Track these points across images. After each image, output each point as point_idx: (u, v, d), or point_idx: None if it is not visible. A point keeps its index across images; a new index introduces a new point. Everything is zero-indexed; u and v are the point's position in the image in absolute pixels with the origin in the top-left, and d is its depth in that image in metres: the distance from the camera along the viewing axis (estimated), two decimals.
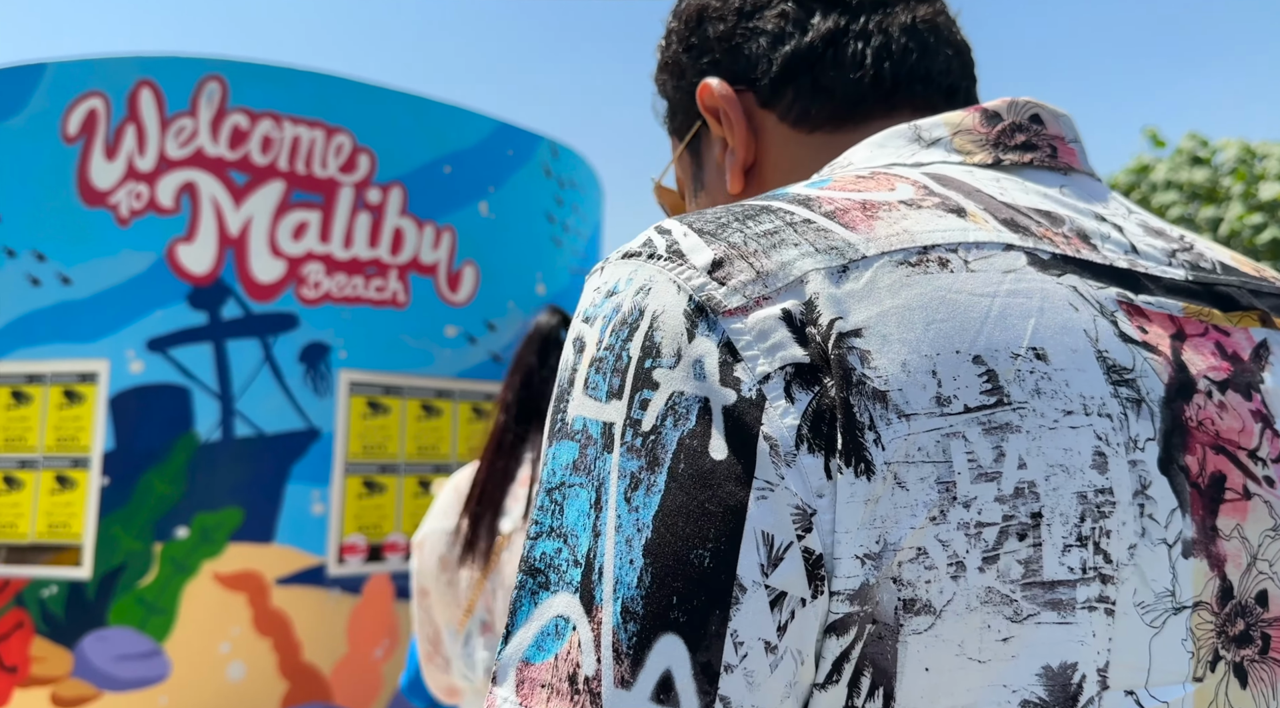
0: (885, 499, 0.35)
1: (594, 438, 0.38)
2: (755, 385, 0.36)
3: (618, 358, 0.38)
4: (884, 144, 0.50)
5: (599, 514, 0.37)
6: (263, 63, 2.81)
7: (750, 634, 0.34)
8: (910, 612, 0.35)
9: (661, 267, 0.39)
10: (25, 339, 2.71)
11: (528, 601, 0.38)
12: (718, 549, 0.34)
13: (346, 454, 2.86)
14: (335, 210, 2.85)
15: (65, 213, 2.70)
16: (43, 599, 2.66)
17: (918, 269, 0.39)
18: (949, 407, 0.36)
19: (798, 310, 0.37)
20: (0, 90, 2.80)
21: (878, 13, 0.56)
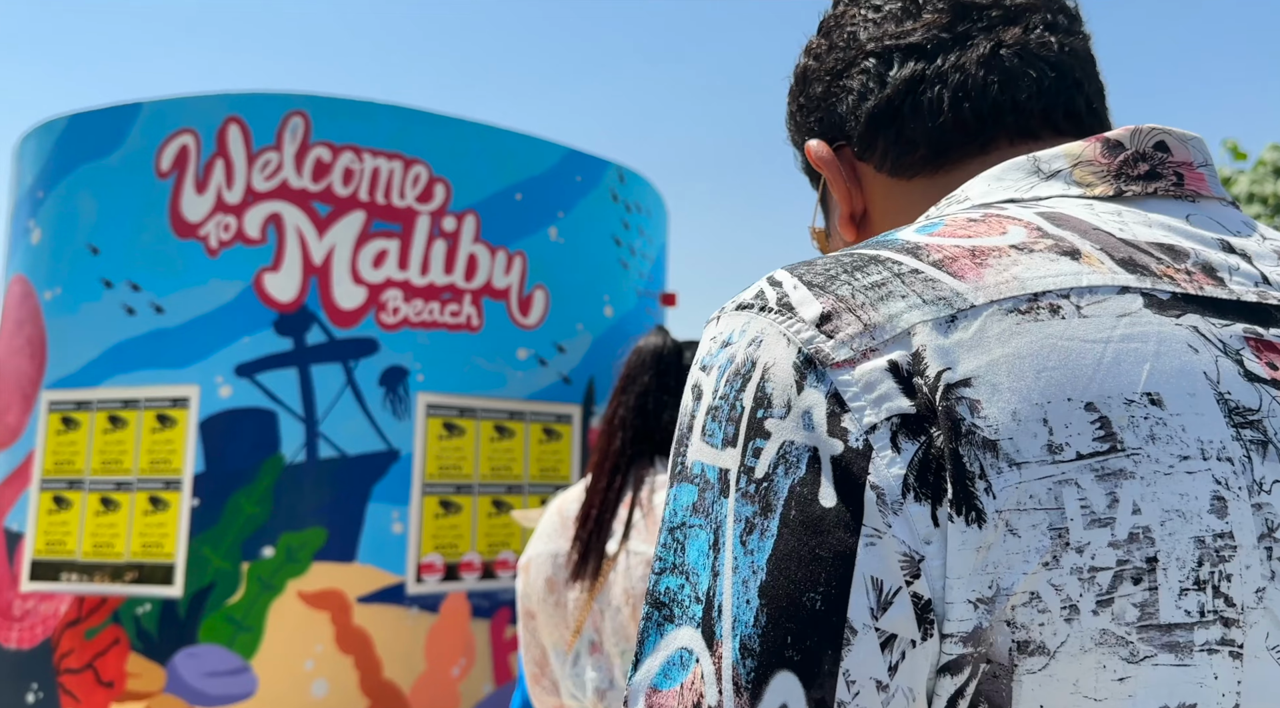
0: (997, 546, 0.36)
1: (711, 483, 0.40)
2: (862, 436, 0.37)
3: (732, 407, 0.41)
4: (1001, 177, 0.50)
5: (717, 555, 0.39)
6: (343, 97, 2.91)
7: (862, 674, 0.36)
8: (1024, 653, 0.36)
9: (772, 320, 0.41)
10: (121, 366, 2.83)
11: (654, 632, 0.40)
12: (828, 593, 0.36)
13: (424, 475, 2.93)
14: (413, 238, 2.93)
15: (158, 245, 2.82)
16: (137, 617, 2.76)
17: (1028, 317, 0.39)
18: (1061, 454, 0.37)
19: (905, 362, 0.38)
20: (99, 130, 2.94)
21: (955, 50, 0.55)
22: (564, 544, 1.31)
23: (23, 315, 3.02)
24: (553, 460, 3.23)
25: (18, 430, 3.00)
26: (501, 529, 3.09)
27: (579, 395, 3.28)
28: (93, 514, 2.85)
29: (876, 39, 0.57)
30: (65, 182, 2.97)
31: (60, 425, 2.91)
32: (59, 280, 2.93)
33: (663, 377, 1.32)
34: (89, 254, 2.88)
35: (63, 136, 3.01)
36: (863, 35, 0.58)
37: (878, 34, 0.57)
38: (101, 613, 2.79)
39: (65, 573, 2.86)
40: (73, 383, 2.88)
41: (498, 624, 3.03)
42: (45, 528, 2.91)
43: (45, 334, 2.95)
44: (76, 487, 2.89)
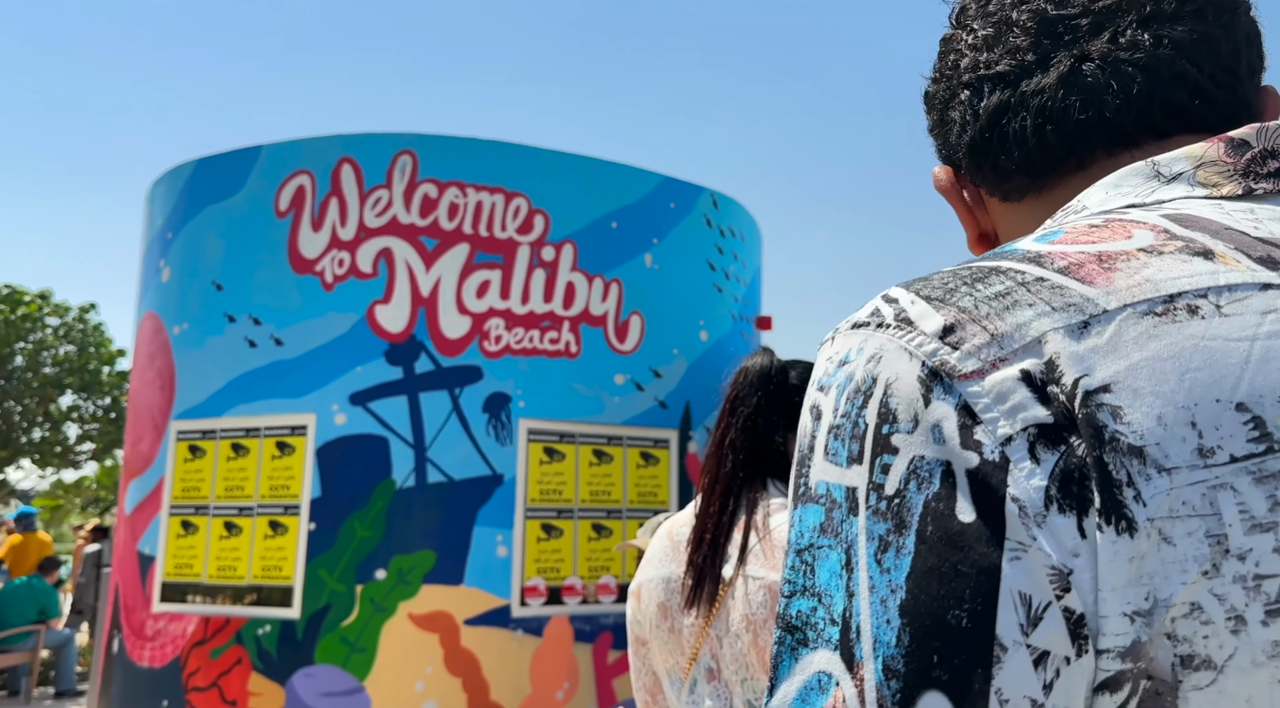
0: (1151, 556, 0.35)
1: (839, 502, 0.40)
2: (998, 448, 0.36)
3: (854, 424, 0.40)
4: (1119, 184, 0.49)
5: (850, 575, 0.38)
6: (448, 135, 3.04)
7: (1015, 692, 0.35)
8: (1189, 668, 0.35)
9: (891, 335, 0.40)
10: (243, 396, 2.98)
11: (788, 656, 0.40)
12: (974, 610, 0.35)
13: (526, 499, 2.98)
14: (514, 269, 3.02)
15: (278, 280, 2.97)
16: (258, 637, 2.87)
17: (1165, 319, 0.38)
18: (1213, 458, 0.36)
19: (1037, 371, 0.37)
20: (222, 173, 3.14)
21: (1038, 73, 0.53)
22: (676, 569, 1.29)
23: (154, 350, 3.22)
24: (651, 485, 3.25)
25: (150, 459, 3.18)
26: (602, 554, 3.11)
27: (675, 420, 3.31)
28: (217, 538, 3.00)
29: (971, 68, 0.57)
30: (192, 223, 3.17)
31: (188, 453, 3.07)
32: (186, 316, 3.12)
33: (771, 397, 1.30)
34: (214, 290, 3.06)
35: (190, 181, 3.22)
36: (962, 64, 0.58)
37: (972, 63, 0.57)
38: (225, 633, 2.92)
39: (192, 595, 3.00)
40: (199, 413, 3.05)
41: (600, 649, 3.05)
42: (174, 552, 3.06)
43: (174, 367, 3.13)
44: (202, 512, 3.04)
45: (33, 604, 7.44)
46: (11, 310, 9.58)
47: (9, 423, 9.29)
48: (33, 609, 7.43)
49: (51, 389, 9.51)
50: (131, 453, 3.32)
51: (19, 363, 9.45)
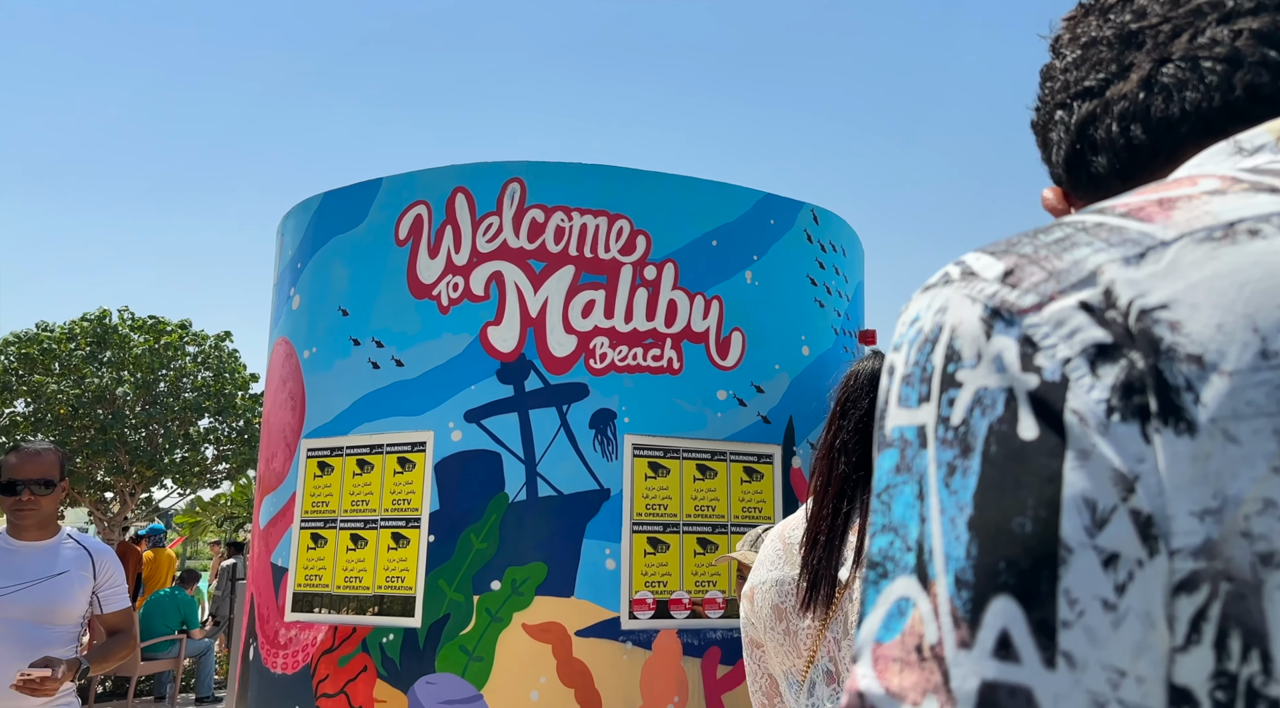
0: (1217, 454, 0.36)
1: (910, 441, 0.42)
2: (1058, 369, 0.38)
3: (923, 369, 0.42)
4: (1203, 163, 0.50)
5: (923, 503, 0.40)
6: (554, 162, 3.16)
7: (1085, 592, 0.36)
8: (1270, 565, 0.35)
9: (956, 288, 0.43)
10: (367, 415, 3.16)
11: (872, 590, 0.41)
12: (1038, 515, 0.37)
13: (633, 513, 3.04)
14: (617, 288, 3.11)
15: (398, 305, 3.15)
16: (383, 645, 3.02)
17: (1224, 242, 0.39)
18: (1277, 358, 0.36)
19: (1095, 299, 0.39)
20: (347, 205, 3.35)
21: (1120, 81, 0.56)
22: (789, 571, 1.29)
23: (286, 373, 3.45)
24: (755, 500, 3.26)
25: (282, 475, 3.39)
26: (708, 568, 3.14)
27: (779, 436, 3.31)
28: (344, 550, 3.17)
29: (1063, 90, 0.60)
30: (320, 253, 3.39)
31: (317, 470, 3.27)
32: (315, 341, 3.33)
33: None
34: (340, 316, 3.26)
35: (317, 213, 3.45)
36: (1057, 86, 0.61)
37: (1064, 84, 0.60)
38: (352, 642, 3.08)
39: (321, 605, 3.18)
40: (327, 432, 3.25)
41: (709, 663, 3.07)
42: (304, 563, 3.26)
43: (304, 389, 3.34)
44: (330, 525, 3.22)
45: (175, 615, 7.97)
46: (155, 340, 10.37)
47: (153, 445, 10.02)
48: (175, 620, 7.96)
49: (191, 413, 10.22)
50: (265, 470, 3.55)
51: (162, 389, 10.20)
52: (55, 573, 2.58)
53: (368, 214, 3.28)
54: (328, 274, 3.34)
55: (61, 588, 2.57)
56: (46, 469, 2.60)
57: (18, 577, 2.53)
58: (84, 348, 10.10)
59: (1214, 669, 0.35)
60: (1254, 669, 0.35)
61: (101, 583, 2.66)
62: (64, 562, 2.61)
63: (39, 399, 9.72)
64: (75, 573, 2.61)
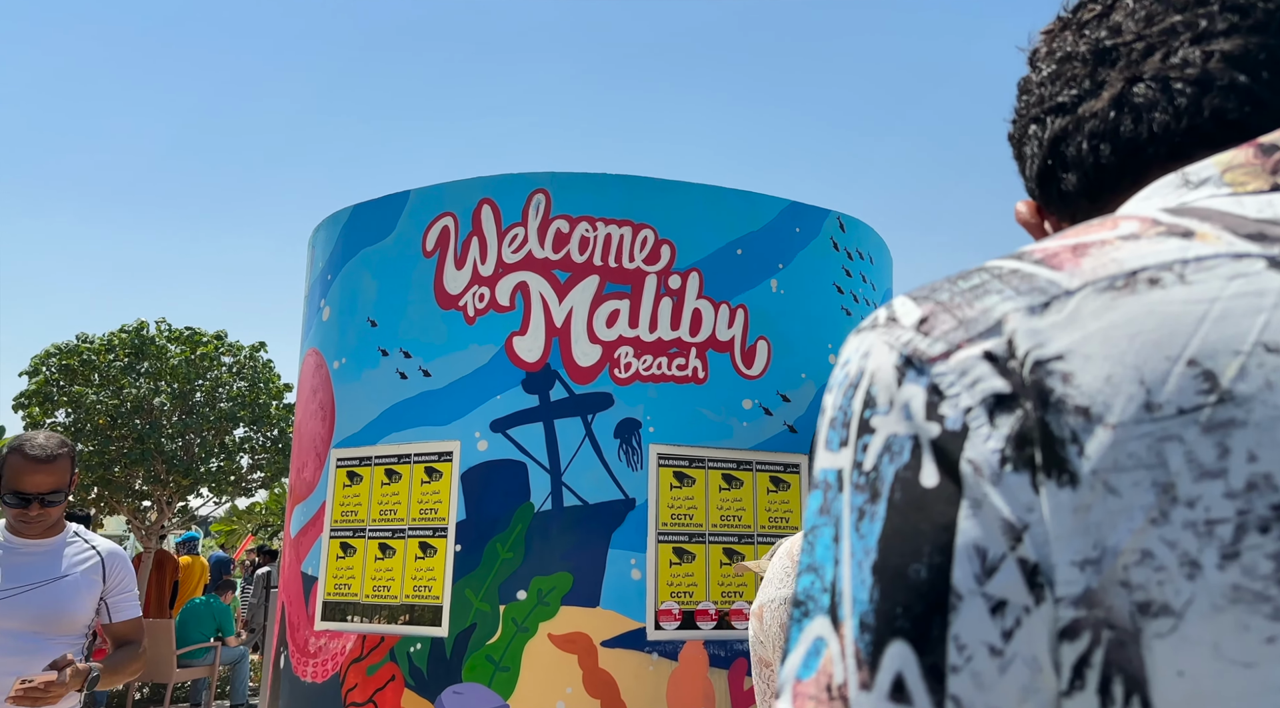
0: (1097, 506, 0.37)
1: (831, 484, 0.44)
2: (960, 418, 0.40)
3: (845, 414, 0.44)
4: (1150, 196, 0.51)
5: (838, 545, 0.42)
6: (579, 172, 3.18)
7: (972, 638, 0.37)
8: (1148, 615, 0.36)
9: (879, 333, 0.45)
10: (395, 425, 3.19)
11: (796, 628, 0.43)
12: (932, 563, 0.38)
13: (658, 523, 3.03)
14: (642, 298, 3.11)
15: (426, 316, 3.18)
16: (410, 655, 3.03)
17: (1124, 291, 0.40)
18: (1160, 412, 0.37)
19: (999, 348, 0.40)
20: (376, 217, 3.39)
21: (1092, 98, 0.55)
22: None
23: (316, 383, 3.49)
24: (782, 510, 3.24)
25: (313, 485, 3.43)
26: (734, 579, 3.12)
27: (805, 445, 3.29)
28: (372, 560, 3.20)
29: (1037, 104, 0.60)
30: (349, 265, 3.43)
31: (346, 480, 3.30)
32: (345, 352, 3.37)
33: None
34: (369, 327, 3.30)
35: (347, 225, 3.49)
36: (1032, 100, 0.61)
37: (1038, 98, 0.60)
38: (380, 651, 3.10)
39: (350, 614, 3.21)
40: (356, 442, 3.28)
41: (736, 675, 3.05)
42: (334, 572, 3.29)
43: (334, 399, 3.38)
44: (359, 535, 3.25)
45: (210, 622, 8.09)
46: (192, 351, 10.56)
47: (190, 454, 10.19)
48: (211, 627, 8.08)
49: (226, 423, 10.39)
50: (296, 480, 3.59)
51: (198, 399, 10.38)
52: (59, 576, 2.32)
53: (396, 226, 3.32)
54: (357, 286, 3.38)
55: (66, 593, 2.32)
56: (59, 478, 2.31)
57: (17, 579, 2.27)
58: (122, 359, 10.31)
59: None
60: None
61: (111, 588, 2.40)
62: (69, 564, 2.36)
63: (79, 409, 9.93)
64: (82, 577, 2.36)
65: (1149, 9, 0.55)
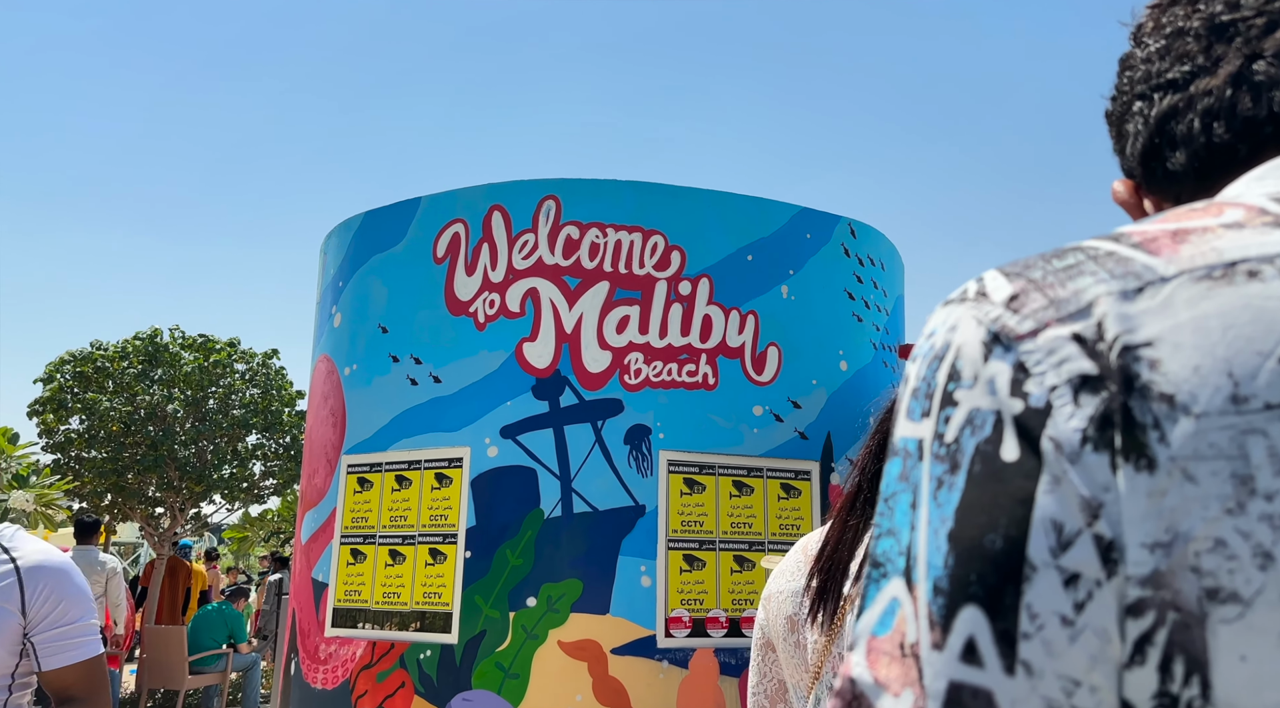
0: (1173, 492, 0.38)
1: (911, 453, 0.45)
2: (1044, 396, 0.40)
3: (929, 385, 0.45)
4: (1264, 176, 0.50)
5: (915, 512, 0.43)
6: (589, 178, 3.18)
7: (1045, 608, 0.38)
8: (1215, 600, 0.37)
9: (968, 307, 0.45)
10: (405, 431, 3.19)
11: (873, 587, 0.45)
12: (1008, 534, 0.39)
13: (668, 530, 3.02)
14: (652, 304, 3.10)
15: (436, 322, 3.18)
16: (420, 662, 3.03)
17: (1221, 282, 0.40)
18: (1246, 405, 0.38)
19: (1088, 331, 0.41)
20: (387, 224, 3.40)
21: (1206, 75, 0.54)
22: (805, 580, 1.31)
23: (327, 390, 3.50)
24: (793, 517, 3.22)
25: (323, 491, 3.44)
26: (745, 586, 3.10)
27: (817, 452, 3.27)
28: (383, 566, 3.20)
29: (1144, 80, 0.59)
30: (361, 271, 3.44)
31: (357, 486, 3.31)
32: (356, 358, 3.38)
33: None
34: (379, 333, 3.30)
35: (358, 232, 3.51)
36: (1137, 76, 0.59)
37: (1145, 74, 0.58)
38: (390, 658, 3.09)
39: (360, 620, 3.21)
40: (367, 448, 3.28)
41: (745, 683, 3.03)
42: (344, 579, 3.29)
43: (345, 405, 3.39)
44: (369, 541, 3.25)
45: (223, 629, 8.11)
46: (205, 358, 10.61)
47: (203, 461, 10.24)
48: (223, 634, 8.10)
49: (239, 429, 10.43)
50: (307, 486, 3.60)
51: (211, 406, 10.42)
52: None
53: (407, 232, 3.33)
54: (368, 292, 3.39)
55: None
56: None
57: None
58: (136, 366, 10.37)
59: (1157, 689, 0.38)
60: (1194, 693, 0.37)
61: (36, 620, 1.52)
62: None
63: (93, 416, 10.00)
64: None
65: None
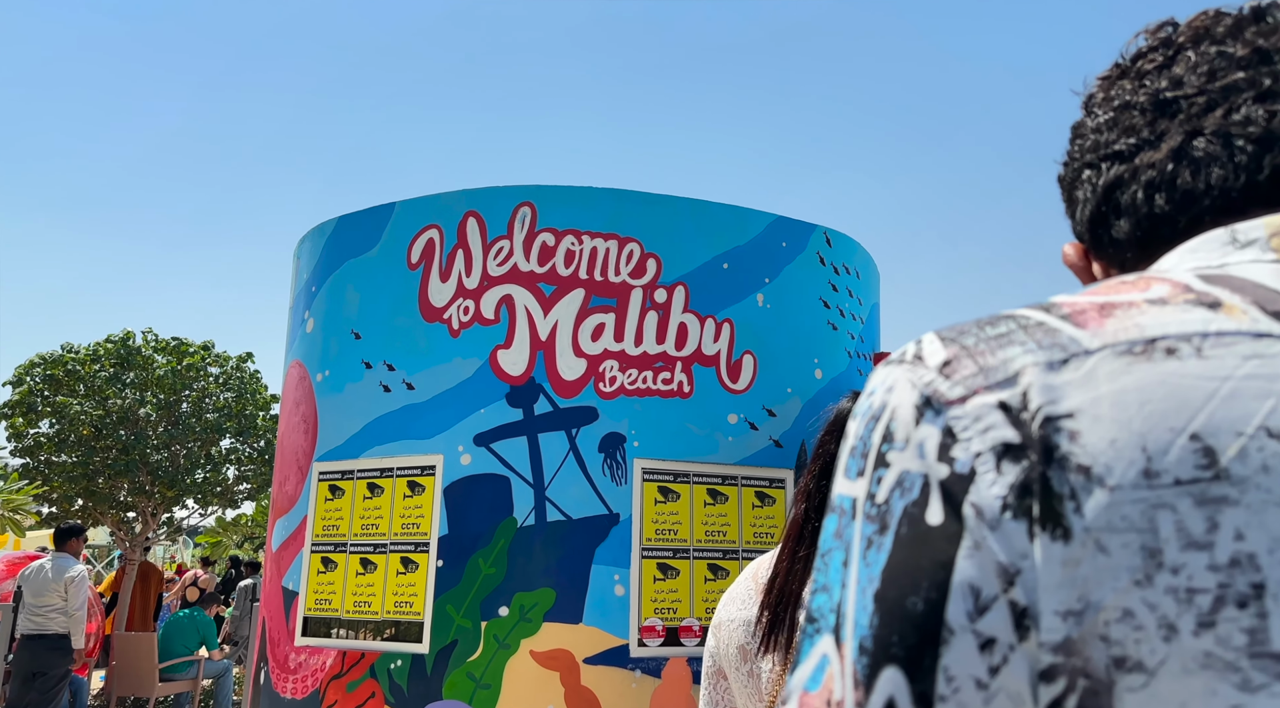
0: (1086, 562, 0.39)
1: (846, 511, 0.46)
2: (969, 462, 0.42)
3: (865, 445, 0.47)
4: (1196, 249, 0.52)
5: (846, 570, 0.44)
6: (565, 185, 3.17)
7: (961, 671, 0.40)
8: (1122, 669, 0.38)
9: (906, 369, 0.47)
10: (378, 438, 3.16)
11: (807, 642, 0.46)
12: (929, 597, 0.41)
13: (643, 538, 3.01)
14: (627, 312, 3.10)
15: (410, 328, 3.16)
16: (390, 672, 3.00)
17: (1141, 358, 0.42)
18: (1157, 480, 0.39)
19: (1013, 400, 0.42)
20: (361, 229, 3.37)
21: (1151, 148, 0.56)
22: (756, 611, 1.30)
23: (299, 396, 3.46)
24: (767, 525, 3.22)
25: (294, 498, 3.40)
26: (719, 595, 3.10)
27: (791, 460, 3.27)
28: (354, 574, 3.16)
29: (1093, 149, 0.61)
30: (334, 276, 3.41)
31: (328, 493, 3.27)
32: (328, 364, 3.34)
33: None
34: (352, 339, 3.27)
35: (332, 237, 3.47)
36: (1087, 145, 0.62)
37: (1094, 144, 0.61)
38: (361, 667, 3.06)
39: (331, 629, 3.17)
40: (338, 455, 3.25)
41: None
42: (315, 587, 3.25)
43: (317, 412, 3.35)
44: (341, 549, 3.22)
45: (194, 636, 8.01)
46: (179, 361, 10.48)
47: (175, 465, 10.11)
48: (194, 640, 8.00)
49: (213, 433, 10.30)
50: (278, 493, 3.56)
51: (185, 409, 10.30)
52: None
53: (380, 238, 3.30)
54: (341, 297, 3.36)
55: None
56: None
57: None
58: (108, 369, 10.22)
59: None
60: None
61: None
62: None
63: (63, 420, 9.84)
64: None
65: (1212, 64, 0.56)
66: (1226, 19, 0.57)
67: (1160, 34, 0.60)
